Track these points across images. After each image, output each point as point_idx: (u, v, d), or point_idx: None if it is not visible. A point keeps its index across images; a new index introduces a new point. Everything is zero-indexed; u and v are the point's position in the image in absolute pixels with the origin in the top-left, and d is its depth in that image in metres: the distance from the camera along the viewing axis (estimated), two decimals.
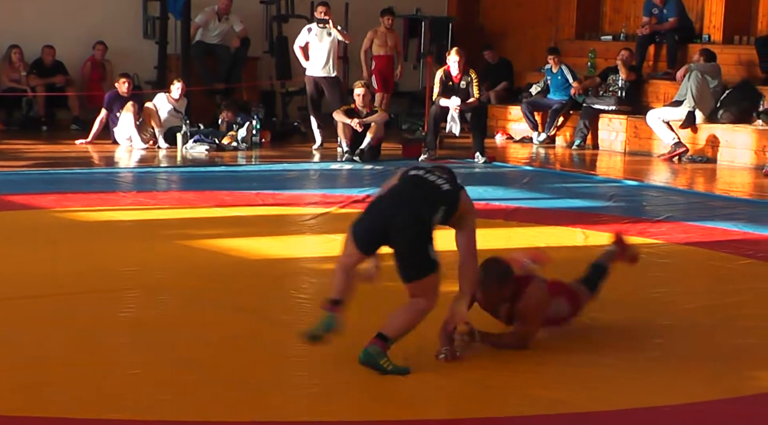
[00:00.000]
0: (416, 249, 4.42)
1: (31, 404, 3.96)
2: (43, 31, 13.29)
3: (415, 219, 4.42)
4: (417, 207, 4.46)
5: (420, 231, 4.42)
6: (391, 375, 4.36)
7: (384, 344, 4.42)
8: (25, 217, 7.69)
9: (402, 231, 4.41)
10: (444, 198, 4.52)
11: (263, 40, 14.28)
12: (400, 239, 4.42)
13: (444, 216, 4.50)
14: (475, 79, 11.39)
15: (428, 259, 4.42)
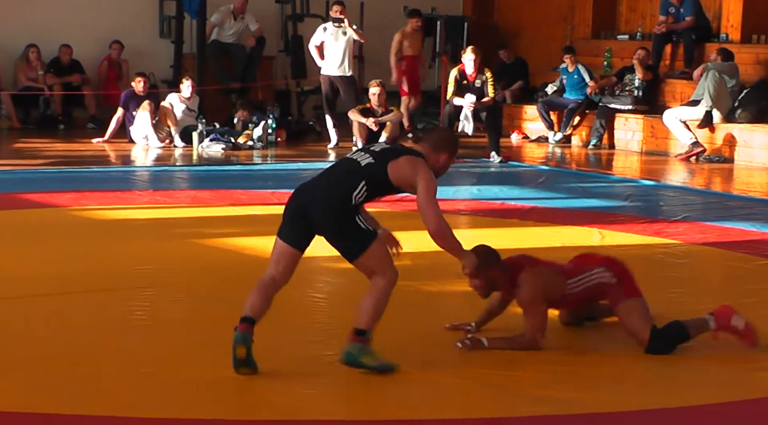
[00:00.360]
0: (343, 228, 4.35)
1: (44, 401, 3.98)
2: (60, 31, 13.35)
3: (330, 200, 4.37)
4: (330, 188, 4.40)
5: (338, 209, 4.35)
6: (378, 372, 4.32)
7: (362, 338, 4.34)
8: (42, 215, 7.72)
9: (322, 218, 4.37)
10: (362, 172, 4.41)
11: (278, 39, 14.30)
12: (324, 225, 4.38)
13: (371, 190, 4.41)
14: (490, 78, 11.37)
15: (360, 231, 4.36)
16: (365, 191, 4.41)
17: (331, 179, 4.48)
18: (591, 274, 4.86)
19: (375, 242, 4.39)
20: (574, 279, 4.85)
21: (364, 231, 4.37)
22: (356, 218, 4.37)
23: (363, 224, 4.38)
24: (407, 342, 4.88)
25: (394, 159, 4.49)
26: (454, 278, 6.07)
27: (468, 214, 8.43)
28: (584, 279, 4.86)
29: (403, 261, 6.45)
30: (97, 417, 3.85)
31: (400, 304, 5.52)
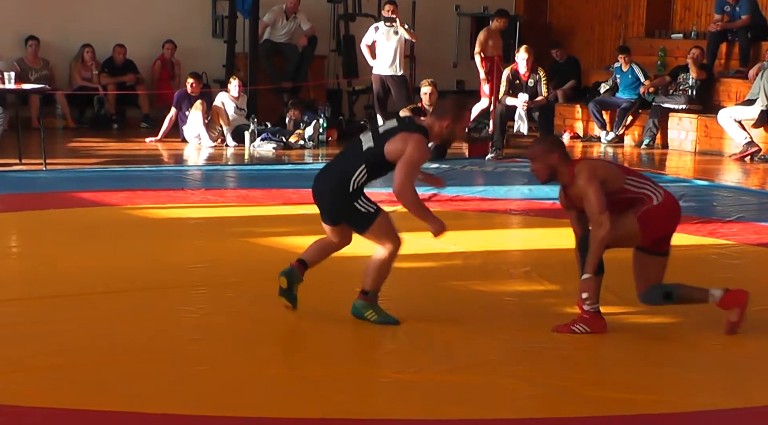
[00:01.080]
0: (348, 212, 4.93)
1: (102, 398, 4.02)
2: (114, 31, 13.50)
3: (331, 193, 4.94)
4: (332, 179, 4.97)
5: (340, 200, 4.91)
6: (381, 324, 4.92)
7: (365, 297, 4.98)
8: (97, 214, 7.82)
9: (329, 208, 4.99)
10: (362, 156, 4.90)
11: (330, 39, 14.33)
12: (333, 212, 5.00)
13: (372, 171, 4.90)
14: (543, 77, 11.31)
15: (362, 215, 4.90)
16: (365, 174, 4.89)
17: (335, 167, 5.03)
18: (647, 184, 4.95)
19: (375, 221, 4.91)
20: (632, 178, 4.92)
21: (364, 214, 4.91)
22: (356, 203, 4.90)
23: (363, 207, 4.91)
24: (456, 342, 4.88)
25: (391, 137, 4.90)
26: (505, 278, 6.06)
27: (519, 214, 8.39)
28: (640, 184, 4.93)
29: (454, 260, 6.46)
30: (153, 414, 3.89)
31: (449, 303, 5.53)
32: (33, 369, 4.31)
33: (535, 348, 4.79)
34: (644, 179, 5.05)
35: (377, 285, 5.02)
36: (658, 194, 4.94)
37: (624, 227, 4.86)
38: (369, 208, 4.94)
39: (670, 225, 5.02)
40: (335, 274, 6.03)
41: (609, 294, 5.68)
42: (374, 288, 5.01)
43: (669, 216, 4.99)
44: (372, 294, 5.01)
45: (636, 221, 4.87)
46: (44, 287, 5.59)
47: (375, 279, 5.00)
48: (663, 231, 4.98)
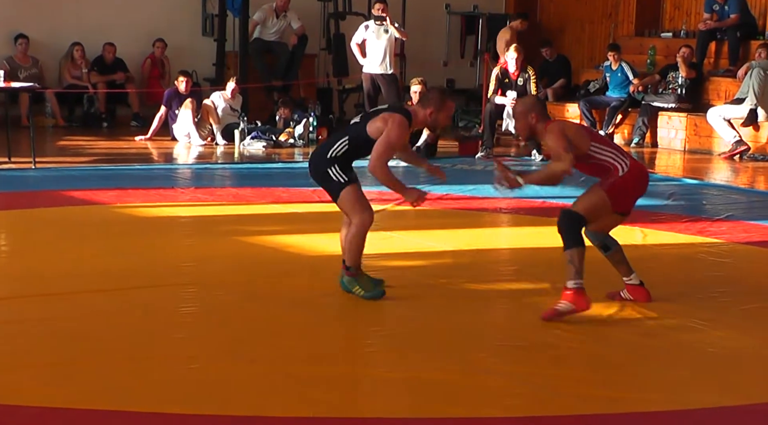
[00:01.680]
0: (323, 177, 5.28)
1: (89, 396, 4.02)
2: (104, 29, 13.48)
3: (317, 157, 5.33)
4: (319, 148, 5.38)
5: (318, 164, 5.29)
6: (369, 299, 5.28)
7: (348, 271, 5.35)
8: (86, 213, 7.80)
9: (311, 172, 5.37)
10: (347, 131, 5.32)
11: (320, 38, 14.33)
12: (313, 176, 5.37)
13: (354, 146, 5.24)
14: (533, 75, 11.34)
15: (332, 182, 5.26)
16: (345, 145, 5.24)
17: (325, 141, 5.42)
18: (613, 153, 5.21)
19: (343, 190, 5.25)
20: (598, 145, 5.20)
21: (335, 183, 5.27)
22: (329, 169, 5.25)
23: (335, 176, 5.26)
24: (447, 341, 4.89)
25: (375, 117, 5.26)
26: (495, 276, 6.07)
27: (509, 213, 8.41)
28: (605, 152, 5.21)
29: (444, 259, 6.48)
30: (145, 413, 3.88)
31: (439, 301, 5.54)
32: (23, 367, 4.30)
33: (524, 346, 4.81)
34: (611, 147, 5.29)
35: (355, 259, 5.34)
36: (624, 164, 5.19)
37: (595, 202, 5.17)
38: (340, 178, 5.27)
39: (637, 193, 5.32)
40: (327, 272, 6.04)
41: (599, 293, 5.71)
42: (353, 262, 5.35)
43: (636, 186, 5.27)
44: (353, 269, 5.36)
45: (605, 194, 5.17)
46: (34, 286, 5.58)
47: (351, 253, 5.34)
48: (632, 199, 5.30)
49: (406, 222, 7.75)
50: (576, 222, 5.16)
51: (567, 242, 5.11)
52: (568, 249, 5.10)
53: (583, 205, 5.18)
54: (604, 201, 5.18)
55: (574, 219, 5.16)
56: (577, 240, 5.13)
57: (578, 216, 5.15)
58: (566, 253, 5.10)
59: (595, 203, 5.18)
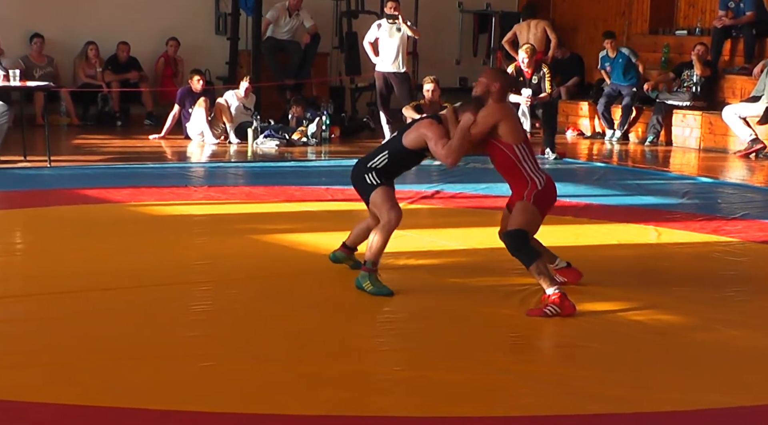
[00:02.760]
0: (357, 180, 5.58)
1: (102, 394, 4.03)
2: (118, 28, 13.52)
3: (359, 164, 5.63)
4: (365, 158, 5.65)
5: (360, 170, 5.58)
6: (376, 295, 5.41)
7: (364, 266, 5.52)
8: (100, 211, 7.82)
9: (353, 180, 5.64)
10: (386, 146, 5.66)
11: (333, 36, 14.34)
12: (354, 182, 5.64)
13: (394, 159, 5.55)
14: (547, 73, 11.31)
15: (367, 183, 5.53)
16: (386, 159, 5.54)
17: (367, 153, 5.69)
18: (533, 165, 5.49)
19: (375, 191, 5.51)
20: (525, 149, 5.46)
21: (368, 185, 5.54)
22: (366, 175, 5.54)
23: (369, 179, 5.53)
24: (458, 339, 4.88)
25: (408, 129, 5.57)
26: (507, 275, 6.05)
27: None
28: (528, 161, 5.47)
29: (457, 257, 6.46)
30: (157, 410, 3.89)
31: (451, 300, 5.53)
32: (38, 365, 4.32)
33: (536, 346, 4.80)
34: (534, 158, 5.55)
35: (375, 255, 5.49)
36: (542, 178, 5.47)
37: (528, 215, 5.41)
38: (373, 180, 5.52)
39: (550, 204, 5.60)
40: (340, 270, 6.04)
41: (612, 291, 5.69)
42: (372, 258, 5.49)
43: (550, 198, 5.56)
44: (369, 264, 5.49)
45: (533, 206, 5.43)
46: (48, 284, 5.60)
47: (373, 250, 5.48)
48: (546, 209, 5.58)
49: (419, 220, 7.73)
50: (522, 238, 5.35)
51: (525, 260, 5.29)
52: (531, 265, 5.26)
53: (519, 221, 5.37)
54: (534, 211, 5.41)
55: (519, 237, 5.34)
56: (532, 253, 5.31)
57: (521, 232, 5.34)
58: (531, 269, 5.27)
59: (529, 216, 5.39)
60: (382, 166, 5.54)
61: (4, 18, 12.81)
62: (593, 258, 6.62)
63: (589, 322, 5.13)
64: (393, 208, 5.49)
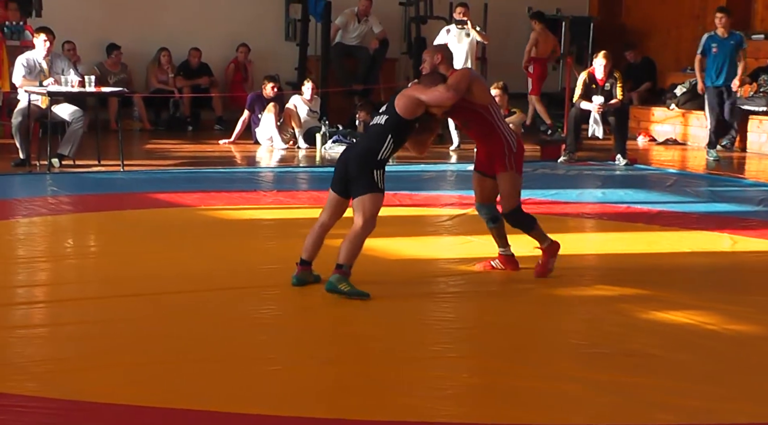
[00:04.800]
0: (362, 171, 5.40)
1: (172, 395, 4.07)
2: (190, 35, 13.71)
3: (364, 151, 5.47)
4: (364, 147, 5.50)
5: (369, 160, 5.42)
6: (349, 297, 5.34)
7: (341, 271, 5.41)
8: (171, 215, 7.92)
9: (355, 168, 5.44)
10: (386, 128, 5.47)
11: (402, 41, 14.35)
12: (354, 172, 5.44)
13: (397, 138, 5.47)
14: (619, 79, 11.18)
15: (373, 182, 5.40)
16: (392, 143, 5.45)
17: (365, 140, 5.58)
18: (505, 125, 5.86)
19: (375, 195, 5.42)
20: (497, 110, 5.78)
21: (374, 183, 5.42)
22: (376, 171, 5.42)
23: (378, 178, 5.43)
24: (528, 346, 4.84)
25: (396, 101, 5.51)
26: (577, 282, 5.99)
27: (593, 218, 8.30)
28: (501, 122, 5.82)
29: (525, 264, 6.41)
30: (224, 413, 3.92)
31: (520, 306, 5.49)
32: (110, 366, 4.38)
33: (607, 353, 4.73)
34: (503, 120, 5.92)
35: (350, 259, 5.45)
36: (512, 137, 5.83)
37: (517, 185, 5.86)
38: (380, 182, 5.45)
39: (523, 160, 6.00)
40: (408, 275, 6.03)
41: (684, 299, 5.60)
42: (348, 261, 5.44)
43: (523, 155, 5.96)
44: (347, 268, 5.45)
45: (517, 174, 5.85)
46: (122, 286, 5.68)
47: (352, 253, 5.45)
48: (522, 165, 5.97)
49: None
50: (520, 213, 5.93)
51: (527, 228, 5.98)
52: (531, 230, 5.99)
53: (513, 196, 5.86)
54: (519, 180, 5.87)
55: (517, 212, 5.91)
56: (530, 220, 5.97)
57: (517, 208, 5.90)
58: (532, 234, 6.00)
59: (517, 186, 5.87)
60: (388, 154, 5.48)
61: (81, 26, 13.07)
62: (665, 265, 6.52)
63: (659, 330, 5.05)
64: (375, 221, 5.49)
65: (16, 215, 7.72)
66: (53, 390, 4.05)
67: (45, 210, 7.85)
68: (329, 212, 5.65)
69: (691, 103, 13.42)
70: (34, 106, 9.91)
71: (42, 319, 5.14)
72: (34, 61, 10.02)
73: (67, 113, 9.96)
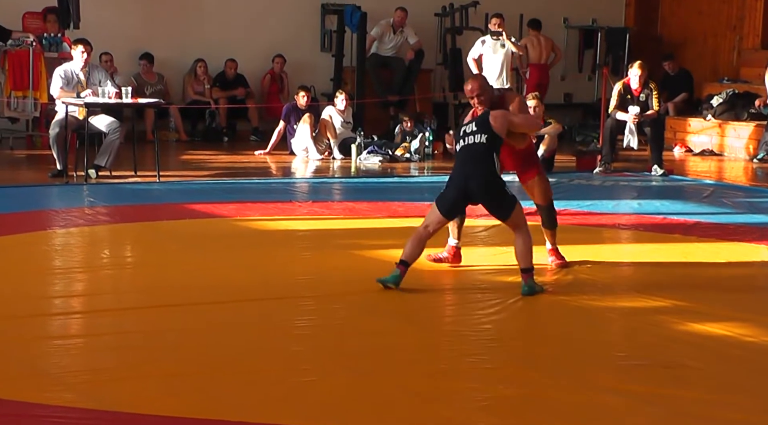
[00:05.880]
0: (497, 195, 5.80)
1: (206, 406, 4.08)
2: (226, 46, 13.79)
3: (488, 177, 5.80)
4: (483, 169, 5.81)
5: (494, 185, 5.81)
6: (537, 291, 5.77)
7: (530, 274, 5.80)
8: (207, 225, 7.96)
9: (485, 191, 5.80)
10: (488, 149, 5.83)
11: (437, 52, 14.36)
12: (485, 196, 5.82)
13: (498, 151, 5.89)
14: (655, 90, 11.11)
15: (509, 197, 5.81)
16: (497, 158, 5.87)
17: (479, 166, 5.83)
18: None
19: (518, 205, 5.84)
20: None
21: (510, 197, 5.80)
22: (505, 189, 5.81)
23: (509, 192, 5.82)
24: (565, 357, 4.80)
25: (488, 119, 5.90)
26: (613, 293, 5.95)
27: (629, 229, 8.24)
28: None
29: (561, 274, 6.38)
30: (258, 424, 3.92)
31: (557, 318, 5.46)
32: (147, 376, 4.40)
33: (645, 365, 4.69)
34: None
35: (531, 261, 5.84)
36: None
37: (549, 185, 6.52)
38: (512, 194, 5.84)
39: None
40: (444, 286, 6.02)
41: (722, 311, 5.54)
42: (530, 264, 5.82)
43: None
44: (532, 269, 5.82)
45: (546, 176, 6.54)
46: (158, 297, 5.71)
47: (530, 256, 5.83)
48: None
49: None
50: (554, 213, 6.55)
51: (555, 224, 6.56)
52: (555, 227, 6.53)
53: (549, 193, 6.48)
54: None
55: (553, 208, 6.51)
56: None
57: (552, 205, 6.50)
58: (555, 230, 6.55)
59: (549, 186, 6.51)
60: (499, 168, 5.88)
61: (119, 37, 13.20)
62: (702, 276, 6.47)
63: (697, 342, 5.00)
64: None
65: (54, 226, 7.79)
66: (90, 401, 4.07)
67: (82, 220, 7.92)
68: (434, 227, 5.95)
69: (727, 114, 13.32)
70: (72, 117, 10.01)
71: (79, 330, 5.18)
72: (72, 72, 10.13)
73: (104, 124, 10.05)
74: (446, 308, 5.61)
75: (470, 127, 5.94)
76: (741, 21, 14.73)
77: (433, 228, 5.90)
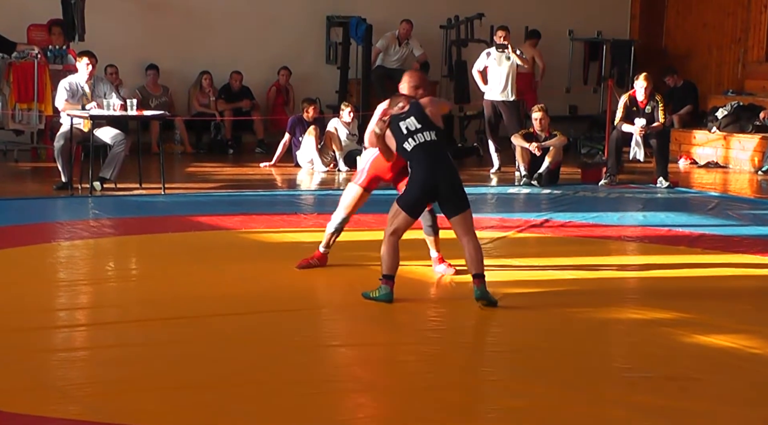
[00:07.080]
0: (461, 190, 5.87)
1: (213, 419, 4.08)
2: (231, 58, 13.82)
3: (454, 170, 5.89)
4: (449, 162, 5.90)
5: (458, 179, 5.90)
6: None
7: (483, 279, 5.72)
8: (213, 238, 7.97)
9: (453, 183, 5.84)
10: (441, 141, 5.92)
11: (442, 64, 14.38)
12: (453, 189, 5.82)
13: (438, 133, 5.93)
14: (661, 102, 11.12)
15: (466, 196, 5.89)
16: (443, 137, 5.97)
17: (445, 160, 5.87)
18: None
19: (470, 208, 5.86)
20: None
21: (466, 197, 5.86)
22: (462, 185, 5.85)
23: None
24: (571, 369, 4.80)
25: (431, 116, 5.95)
26: (618, 305, 5.94)
27: (634, 241, 8.23)
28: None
29: (567, 286, 6.37)
30: None
31: (564, 330, 5.45)
32: (152, 389, 4.40)
33: (651, 377, 4.68)
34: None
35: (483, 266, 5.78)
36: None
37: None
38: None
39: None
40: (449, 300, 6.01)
41: (727, 323, 5.53)
42: (483, 269, 5.75)
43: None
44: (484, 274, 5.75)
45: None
46: (163, 309, 5.71)
47: (482, 261, 5.77)
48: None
49: (527, 249, 7.67)
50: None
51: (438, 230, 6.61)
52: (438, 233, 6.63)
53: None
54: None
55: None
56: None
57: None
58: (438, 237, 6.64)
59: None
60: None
61: (123, 50, 13.23)
62: (708, 289, 6.46)
63: (702, 354, 5.00)
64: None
65: (59, 238, 7.80)
66: (95, 414, 4.07)
67: (87, 233, 7.93)
68: (403, 230, 6.01)
69: (732, 126, 13.31)
70: (77, 129, 10.02)
71: (84, 342, 5.18)
72: (77, 84, 10.15)
73: (109, 136, 10.07)
74: (451, 320, 5.60)
75: (411, 124, 5.92)
76: (746, 34, 14.74)
77: (402, 232, 5.93)
